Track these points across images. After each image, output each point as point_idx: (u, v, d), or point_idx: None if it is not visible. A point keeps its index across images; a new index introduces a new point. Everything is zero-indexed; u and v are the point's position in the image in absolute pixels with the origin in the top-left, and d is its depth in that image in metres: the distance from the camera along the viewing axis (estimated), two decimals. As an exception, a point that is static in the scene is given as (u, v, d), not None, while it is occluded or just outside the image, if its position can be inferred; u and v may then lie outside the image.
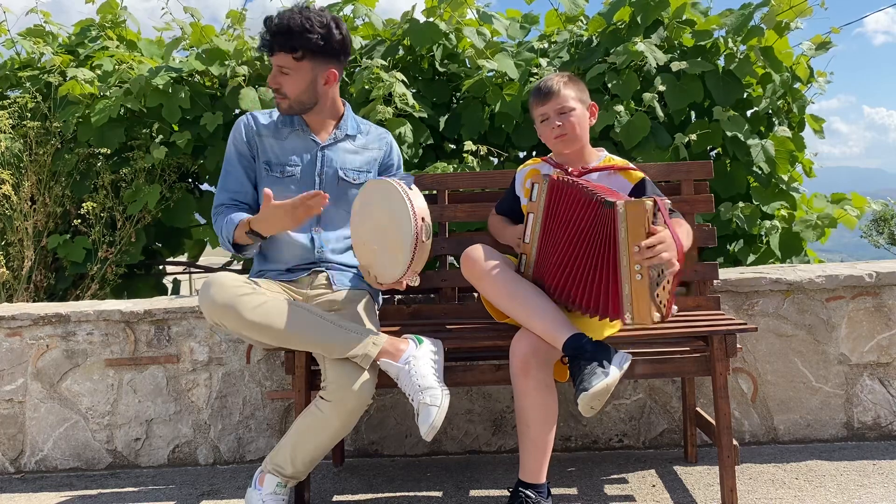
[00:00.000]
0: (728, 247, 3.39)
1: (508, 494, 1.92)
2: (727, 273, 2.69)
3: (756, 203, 3.33)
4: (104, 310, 2.63)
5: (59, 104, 3.56)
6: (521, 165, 2.34)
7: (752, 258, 3.35)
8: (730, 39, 3.40)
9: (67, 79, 3.47)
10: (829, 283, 2.56)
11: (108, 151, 3.45)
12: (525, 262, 2.07)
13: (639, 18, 3.36)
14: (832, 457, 2.43)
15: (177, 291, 4.10)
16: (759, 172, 3.37)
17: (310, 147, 2.22)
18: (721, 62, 3.41)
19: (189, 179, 3.83)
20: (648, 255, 1.78)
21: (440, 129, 3.45)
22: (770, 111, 3.47)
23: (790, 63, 3.48)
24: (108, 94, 3.44)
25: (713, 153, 3.47)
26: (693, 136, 3.18)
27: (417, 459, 2.61)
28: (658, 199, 1.85)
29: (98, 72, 3.57)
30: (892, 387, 2.59)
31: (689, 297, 2.40)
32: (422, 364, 1.94)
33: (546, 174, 2.08)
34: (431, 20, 3.43)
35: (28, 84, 3.68)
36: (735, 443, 2.00)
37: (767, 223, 3.29)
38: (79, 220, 3.40)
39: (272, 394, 2.64)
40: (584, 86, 2.21)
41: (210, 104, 3.49)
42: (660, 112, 3.20)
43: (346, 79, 3.43)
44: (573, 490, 2.24)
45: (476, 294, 2.51)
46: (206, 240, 4.06)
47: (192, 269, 4.53)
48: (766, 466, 2.37)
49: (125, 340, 2.64)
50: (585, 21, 3.76)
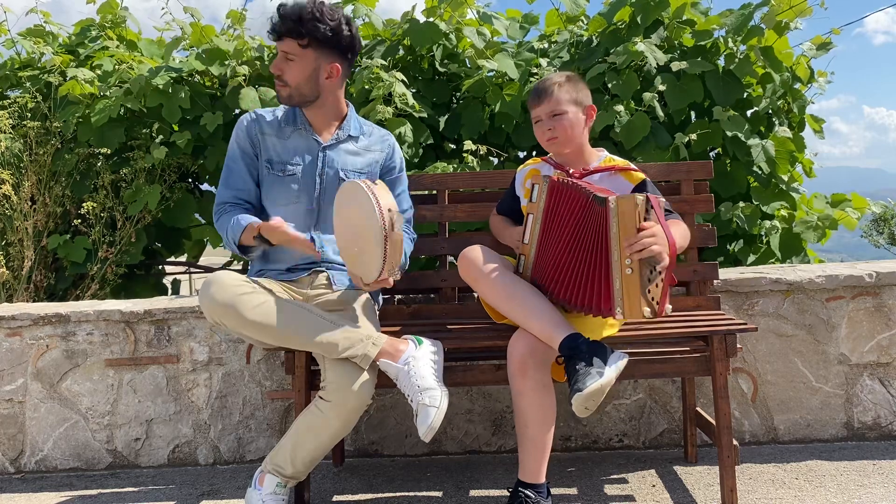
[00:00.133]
0: (728, 247, 3.39)
1: (508, 494, 1.92)
2: (727, 273, 2.69)
3: (756, 203, 3.32)
4: (104, 310, 2.63)
5: (59, 104, 3.56)
6: (522, 165, 2.33)
7: (753, 258, 3.35)
8: (730, 39, 3.40)
9: (67, 79, 3.47)
10: (829, 283, 2.56)
11: (108, 151, 3.45)
12: (523, 264, 2.07)
13: (639, 18, 3.36)
14: (832, 457, 2.43)
15: (177, 291, 4.10)
16: (759, 172, 3.37)
17: (312, 147, 2.22)
18: (721, 62, 3.41)
19: (189, 179, 3.83)
20: (638, 249, 1.78)
21: (440, 129, 3.45)
22: (770, 111, 3.47)
23: (790, 63, 3.48)
24: (108, 94, 3.44)
25: (713, 153, 3.47)
26: (693, 136, 3.18)
27: (417, 459, 2.61)
28: (651, 196, 1.86)
29: (98, 72, 3.57)
30: (892, 387, 2.59)
31: (689, 297, 2.40)
32: (421, 365, 1.94)
33: (546, 175, 2.07)
34: (431, 20, 3.43)
35: (28, 84, 3.68)
36: (735, 443, 2.00)
37: (767, 223, 3.29)
38: (79, 220, 3.41)
39: (272, 394, 2.64)
40: (585, 86, 2.19)
41: (210, 104, 3.49)
42: (660, 112, 3.20)
43: (347, 79, 3.44)
44: (573, 490, 2.24)
45: (476, 294, 2.51)
46: (206, 240, 4.06)
47: (192, 269, 4.53)
48: (766, 466, 2.37)
49: (125, 340, 2.64)
50: (586, 21, 3.76)
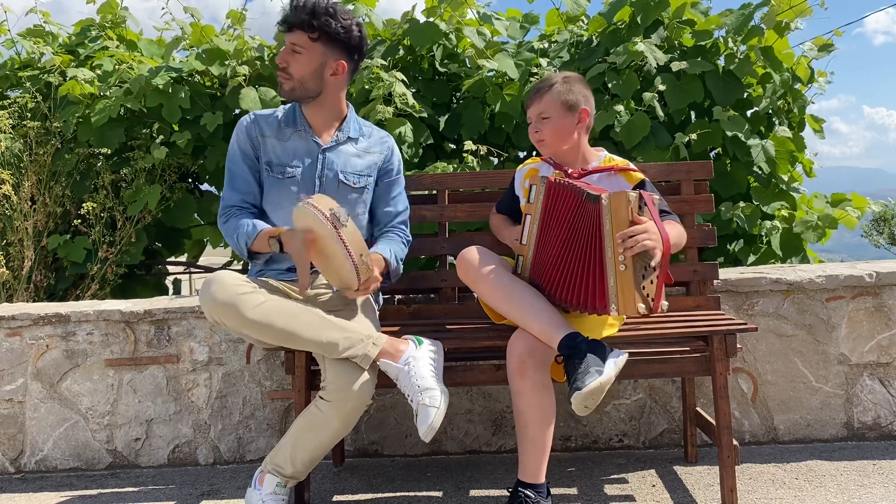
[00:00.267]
0: (728, 247, 3.39)
1: (508, 494, 1.92)
2: (727, 273, 2.69)
3: (756, 203, 3.33)
4: (104, 310, 2.63)
5: (59, 104, 3.56)
6: (521, 165, 2.33)
7: (753, 258, 3.36)
8: (730, 39, 3.40)
9: (67, 79, 3.48)
10: (830, 283, 2.56)
11: (108, 151, 3.45)
12: (522, 264, 2.07)
13: (639, 18, 3.36)
14: (832, 457, 2.43)
15: (177, 291, 4.10)
16: (759, 172, 3.37)
17: (311, 149, 2.21)
18: (721, 62, 3.41)
19: (189, 179, 3.82)
20: (630, 245, 1.79)
21: (440, 129, 3.45)
22: (770, 111, 3.47)
23: (790, 63, 3.48)
24: (108, 94, 3.44)
25: (713, 153, 3.47)
26: (693, 136, 3.18)
27: (417, 459, 2.61)
28: (644, 193, 1.86)
29: (98, 72, 3.57)
30: (892, 387, 2.59)
31: (690, 297, 2.40)
32: (421, 365, 1.94)
33: (544, 176, 2.07)
34: (431, 20, 3.43)
35: (28, 84, 3.68)
36: (735, 443, 2.00)
37: (768, 223, 3.29)
38: (79, 220, 3.41)
39: (272, 394, 2.64)
40: (583, 87, 2.17)
41: (210, 104, 3.49)
42: (660, 112, 3.20)
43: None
44: (573, 490, 2.24)
45: (475, 294, 2.51)
46: (206, 240, 4.05)
47: (193, 270, 4.53)
48: (766, 466, 2.37)
49: (125, 340, 2.64)
50: (586, 21, 3.77)
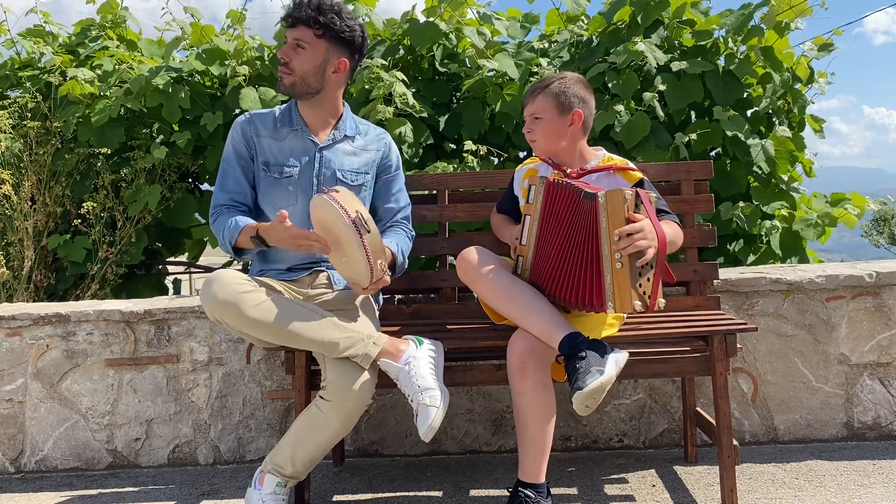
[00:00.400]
0: (728, 247, 3.39)
1: (508, 494, 1.92)
2: (727, 273, 2.69)
3: (756, 203, 3.33)
4: (104, 310, 2.63)
5: (60, 104, 3.56)
6: (520, 165, 2.34)
7: (753, 258, 3.36)
8: (730, 39, 3.40)
9: (67, 79, 3.47)
10: (829, 283, 2.56)
11: (109, 151, 3.45)
12: (521, 264, 2.07)
13: (639, 18, 3.36)
14: (832, 457, 2.43)
15: (177, 291, 4.10)
16: (759, 172, 3.37)
17: (308, 148, 2.21)
18: (721, 62, 3.41)
19: (189, 179, 3.83)
20: (624, 245, 1.80)
21: (440, 129, 3.45)
22: (770, 111, 3.47)
23: (790, 63, 3.48)
24: (109, 94, 3.45)
25: (713, 153, 3.47)
26: (693, 136, 3.18)
27: (417, 459, 2.61)
28: (640, 191, 1.87)
29: (98, 72, 3.57)
30: (892, 387, 2.59)
31: (690, 297, 2.40)
32: (422, 365, 1.94)
33: (543, 176, 2.07)
34: (431, 20, 3.43)
35: (28, 84, 3.68)
36: (735, 443, 2.00)
37: (768, 223, 3.30)
38: (79, 220, 3.41)
39: (272, 394, 2.64)
40: (582, 88, 2.16)
41: (210, 104, 3.49)
42: (660, 112, 3.20)
43: (348, 81, 3.44)
44: (573, 490, 2.24)
45: (475, 294, 2.51)
46: (206, 240, 4.06)
47: (193, 269, 4.53)
48: (766, 466, 2.37)
49: (125, 340, 2.64)
50: (586, 21, 3.76)
